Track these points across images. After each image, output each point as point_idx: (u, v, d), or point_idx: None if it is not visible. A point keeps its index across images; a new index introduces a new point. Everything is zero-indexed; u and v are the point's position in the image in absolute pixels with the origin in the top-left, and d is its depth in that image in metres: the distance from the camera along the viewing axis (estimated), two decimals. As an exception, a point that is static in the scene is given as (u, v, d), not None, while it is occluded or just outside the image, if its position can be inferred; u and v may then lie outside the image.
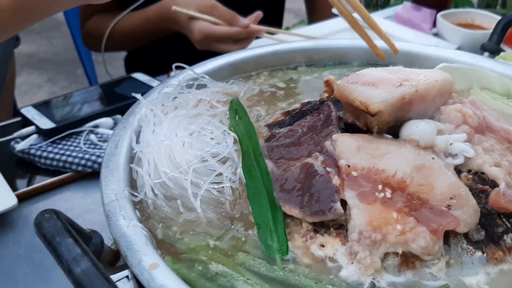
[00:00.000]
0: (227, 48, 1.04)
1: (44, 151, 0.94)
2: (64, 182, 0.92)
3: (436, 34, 1.59)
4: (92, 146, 0.94)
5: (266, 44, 0.81)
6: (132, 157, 0.54)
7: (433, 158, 0.48)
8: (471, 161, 0.49)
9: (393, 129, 0.52)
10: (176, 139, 0.53)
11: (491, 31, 1.27)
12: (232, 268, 0.44)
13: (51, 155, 0.93)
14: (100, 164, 0.59)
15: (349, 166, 0.48)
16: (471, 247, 0.45)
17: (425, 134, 0.50)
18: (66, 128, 0.99)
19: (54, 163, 0.93)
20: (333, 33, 1.46)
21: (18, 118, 1.07)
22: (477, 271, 0.45)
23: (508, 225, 0.47)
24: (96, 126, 0.99)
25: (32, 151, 0.94)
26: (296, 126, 0.56)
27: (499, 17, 1.50)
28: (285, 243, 0.46)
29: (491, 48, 0.77)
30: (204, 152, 0.52)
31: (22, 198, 0.87)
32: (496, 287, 0.44)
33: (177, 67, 0.67)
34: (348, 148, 0.49)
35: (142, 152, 0.53)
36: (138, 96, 0.60)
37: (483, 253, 0.45)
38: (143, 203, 0.50)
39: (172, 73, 0.90)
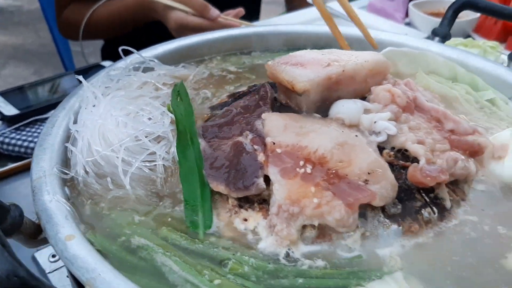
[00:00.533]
0: None
1: (7, 137, 0.95)
2: (25, 168, 0.92)
3: (408, 24, 1.60)
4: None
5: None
6: (69, 137, 0.55)
7: (356, 135, 0.50)
8: (394, 139, 0.51)
9: (323, 109, 0.53)
10: (110, 118, 0.54)
11: (461, 20, 1.28)
12: (154, 241, 0.45)
13: (13, 141, 0.94)
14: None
15: (274, 144, 0.49)
16: (387, 220, 0.47)
17: (351, 112, 0.51)
18: (30, 115, 1.00)
19: (16, 149, 0.94)
20: (309, 21, 1.47)
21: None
22: (392, 243, 0.46)
23: (427, 200, 0.48)
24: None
25: (-1, 137, 0.94)
26: (232, 106, 0.57)
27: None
28: (209, 218, 0.48)
29: (442, 33, 0.78)
30: (138, 131, 0.53)
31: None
32: (409, 259, 0.45)
33: (124, 51, 0.68)
34: (276, 126, 0.50)
35: (77, 132, 0.54)
36: (80, 77, 0.61)
37: (399, 226, 0.47)
38: (75, 180, 0.51)
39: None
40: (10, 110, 1.01)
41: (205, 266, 0.43)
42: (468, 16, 1.48)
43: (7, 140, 0.94)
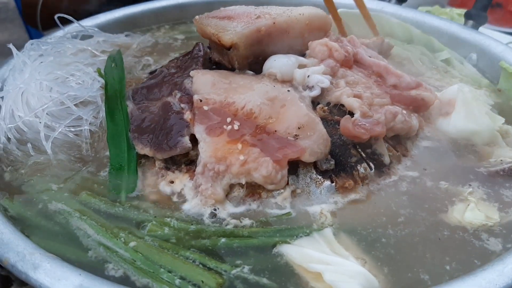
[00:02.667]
0: None
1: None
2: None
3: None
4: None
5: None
6: (-7, 105, 0.52)
7: (288, 90, 0.47)
8: (329, 93, 0.48)
9: (258, 66, 0.51)
10: (35, 83, 0.51)
11: None
12: (71, 206, 0.42)
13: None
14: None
15: (201, 101, 0.46)
16: (320, 177, 0.44)
17: (283, 67, 0.48)
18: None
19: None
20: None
21: None
22: (324, 200, 0.44)
23: (363, 155, 0.46)
24: None
25: None
26: (164, 67, 0.54)
27: None
28: (133, 182, 0.45)
29: (398, -3, 0.75)
30: (62, 95, 0.50)
31: None
32: (342, 216, 0.43)
33: (61, 19, 0.65)
34: (204, 83, 0.48)
35: (1, 99, 0.51)
36: (10, 46, 0.58)
37: (332, 182, 0.44)
38: (-5, 149, 0.48)
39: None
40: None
41: (122, 229, 0.40)
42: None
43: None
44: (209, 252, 0.39)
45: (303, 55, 0.53)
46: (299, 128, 0.44)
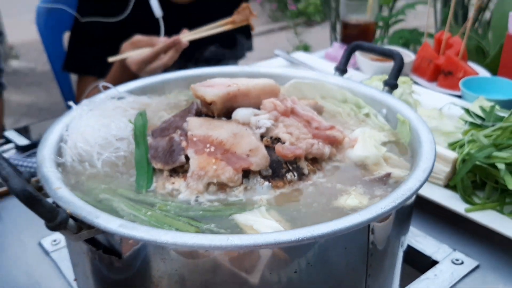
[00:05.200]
0: (157, 64, 1.37)
1: (20, 160, 1.23)
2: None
3: (357, 68, 1.90)
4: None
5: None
6: (62, 139, 0.82)
7: (246, 129, 0.77)
8: (271, 131, 0.78)
9: (228, 115, 0.81)
10: (90, 127, 0.82)
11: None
12: (113, 196, 0.72)
13: (25, 163, 1.22)
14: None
15: (192, 135, 0.76)
16: (262, 180, 0.73)
17: (243, 115, 0.78)
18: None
19: (27, 170, 1.21)
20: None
21: (3, 140, 1.37)
22: (264, 193, 0.72)
23: (290, 168, 0.75)
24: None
25: (12, 160, 1.22)
26: (172, 116, 0.85)
27: (411, 54, 1.83)
28: (149, 182, 0.74)
29: (340, 69, 1.06)
30: (108, 134, 0.81)
31: (1, 196, 1.16)
32: (273, 202, 0.71)
33: (104, 87, 0.97)
34: (194, 125, 0.78)
35: (68, 135, 0.82)
36: (71, 103, 0.89)
37: (270, 183, 0.73)
38: (65, 165, 0.78)
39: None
40: (22, 141, 1.29)
41: (143, 207, 0.69)
42: (405, 58, 1.78)
43: (20, 163, 1.22)
44: (191, 218, 0.67)
45: (259, 108, 0.83)
46: (250, 150, 0.73)
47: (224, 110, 0.80)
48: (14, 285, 0.92)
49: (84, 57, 1.75)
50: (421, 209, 1.08)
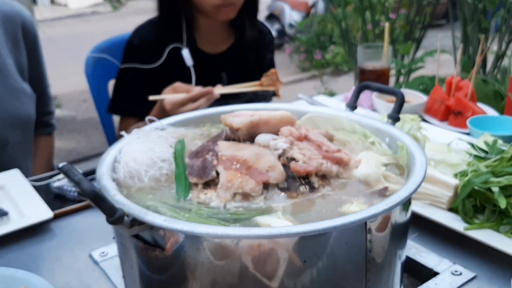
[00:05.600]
0: (188, 107, 1.57)
1: (72, 187, 1.41)
2: (85, 208, 1.38)
3: (374, 110, 2.06)
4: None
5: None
6: (116, 160, 1.00)
7: (266, 150, 0.93)
8: (287, 152, 0.94)
9: (251, 139, 0.98)
10: (139, 151, 0.99)
11: (410, 103, 1.76)
12: (157, 203, 0.88)
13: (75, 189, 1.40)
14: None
15: (221, 155, 0.93)
16: (279, 191, 0.88)
17: (263, 140, 0.95)
18: (89, 174, 1.47)
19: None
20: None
21: (56, 171, 1.56)
22: (281, 201, 0.87)
23: (303, 182, 0.90)
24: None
25: (65, 186, 1.41)
26: (205, 142, 1.02)
27: (424, 96, 1.98)
28: (187, 193, 0.91)
29: (350, 106, 1.23)
30: (153, 156, 0.98)
31: (57, 216, 1.34)
32: (288, 208, 0.86)
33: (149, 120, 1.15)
34: (224, 147, 0.95)
35: (120, 157, 0.99)
36: (123, 133, 1.08)
37: (285, 193, 0.88)
38: (118, 180, 0.95)
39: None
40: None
41: (182, 211, 0.85)
42: (417, 101, 1.94)
43: (73, 189, 1.40)
44: (221, 219, 0.83)
45: (277, 134, 1.00)
46: (269, 167, 0.89)
47: (248, 136, 0.97)
48: None
49: (126, 100, 1.97)
50: (426, 229, 1.20)
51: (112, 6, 15.11)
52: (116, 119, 2.25)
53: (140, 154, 0.99)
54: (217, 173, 0.91)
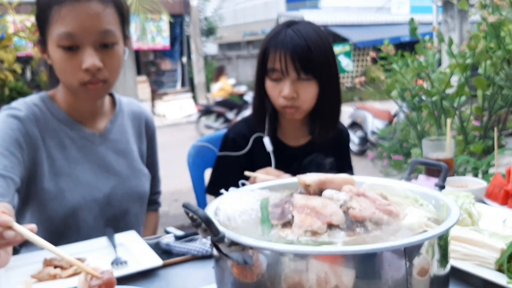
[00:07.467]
0: None
1: (178, 245, 1.75)
2: (186, 260, 1.71)
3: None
4: (201, 243, 1.74)
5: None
6: (216, 210, 1.33)
7: (331, 201, 1.22)
8: (347, 203, 1.22)
9: (319, 193, 1.27)
10: (234, 201, 1.32)
11: (468, 187, 1.99)
12: (251, 235, 1.18)
13: (182, 245, 1.74)
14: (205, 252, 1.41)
15: (296, 203, 1.23)
16: (340, 230, 1.16)
17: (329, 194, 1.24)
18: (189, 235, 1.81)
19: (182, 250, 1.73)
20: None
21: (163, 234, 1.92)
22: (341, 238, 1.14)
23: (358, 225, 1.17)
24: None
25: (171, 243, 1.76)
26: (284, 197, 1.33)
27: (484, 182, 2.19)
28: (269, 230, 1.20)
29: (406, 178, 1.50)
30: (245, 206, 1.30)
31: (165, 265, 1.67)
32: (347, 242, 1.12)
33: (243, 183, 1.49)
34: (298, 198, 1.25)
35: (221, 206, 1.33)
36: (222, 191, 1.42)
37: (345, 232, 1.15)
38: (219, 221, 1.27)
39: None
40: (179, 232, 1.83)
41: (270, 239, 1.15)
42: (478, 185, 2.14)
43: (177, 244, 1.74)
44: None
45: (339, 190, 1.29)
46: (332, 212, 1.18)
47: (317, 191, 1.27)
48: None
49: (221, 183, 2.34)
50: (472, 286, 1.39)
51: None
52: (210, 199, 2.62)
53: (235, 204, 1.32)
54: (292, 217, 1.21)
